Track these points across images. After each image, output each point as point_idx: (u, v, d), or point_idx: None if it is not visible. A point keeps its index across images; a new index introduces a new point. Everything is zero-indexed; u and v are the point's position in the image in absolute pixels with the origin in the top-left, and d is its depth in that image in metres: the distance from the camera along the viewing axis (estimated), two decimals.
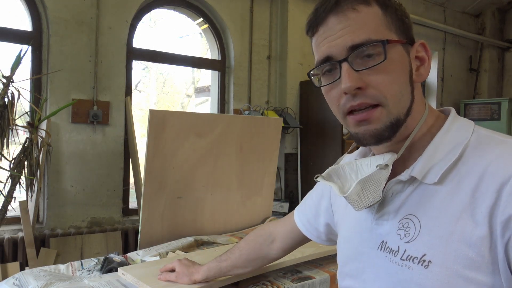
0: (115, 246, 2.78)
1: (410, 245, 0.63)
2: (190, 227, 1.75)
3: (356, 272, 0.73)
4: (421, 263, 0.61)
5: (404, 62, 0.65)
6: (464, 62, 5.29)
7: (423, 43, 0.68)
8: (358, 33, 0.63)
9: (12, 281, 1.18)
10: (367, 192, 0.66)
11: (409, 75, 0.66)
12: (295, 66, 3.72)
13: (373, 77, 0.63)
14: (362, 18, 0.63)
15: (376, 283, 0.68)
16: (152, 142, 1.56)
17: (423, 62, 0.69)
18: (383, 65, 0.62)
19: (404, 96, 0.65)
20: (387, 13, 0.65)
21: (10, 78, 2.16)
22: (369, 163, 0.71)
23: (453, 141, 0.64)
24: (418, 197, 0.65)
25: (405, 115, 0.65)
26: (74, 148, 2.74)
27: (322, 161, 3.49)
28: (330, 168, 0.75)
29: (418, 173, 0.64)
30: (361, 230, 0.73)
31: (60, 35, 2.68)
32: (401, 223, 0.65)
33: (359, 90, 0.63)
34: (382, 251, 0.67)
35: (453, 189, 0.61)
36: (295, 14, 3.67)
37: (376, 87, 0.63)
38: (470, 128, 0.65)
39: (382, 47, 0.62)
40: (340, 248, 0.82)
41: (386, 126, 0.64)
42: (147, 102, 10.74)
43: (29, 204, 2.39)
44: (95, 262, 1.36)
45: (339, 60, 0.64)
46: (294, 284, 1.22)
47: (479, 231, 0.56)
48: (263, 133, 1.94)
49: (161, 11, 3.49)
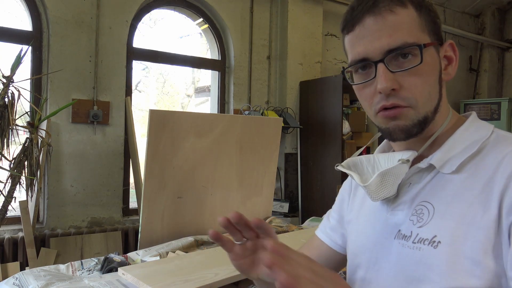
0: (115, 246, 2.78)
1: (422, 229, 0.64)
2: (190, 227, 1.75)
3: (368, 263, 0.73)
4: (430, 244, 0.62)
5: (435, 64, 0.68)
6: (464, 62, 5.29)
7: (452, 43, 0.71)
8: (395, 36, 0.64)
9: (12, 281, 1.18)
10: (386, 184, 0.68)
11: (439, 75, 0.68)
12: (295, 66, 3.72)
13: (406, 78, 0.65)
14: (399, 20, 0.65)
15: (391, 271, 0.68)
16: (152, 142, 1.56)
17: (451, 61, 0.71)
18: (418, 67, 0.64)
19: (432, 96, 0.67)
20: (421, 14, 0.66)
21: (10, 78, 2.16)
22: (388, 158, 0.73)
23: (472, 137, 0.67)
24: (434, 186, 0.67)
25: (432, 113, 0.68)
26: (74, 148, 2.74)
27: (322, 161, 3.49)
28: (349, 159, 0.77)
29: (436, 162, 0.67)
30: (375, 222, 0.74)
31: (60, 35, 2.68)
32: (415, 210, 0.67)
33: (393, 90, 0.65)
34: (397, 239, 0.68)
35: (468, 178, 0.63)
36: (295, 14, 3.67)
37: (409, 89, 0.65)
38: (490, 128, 0.68)
39: (418, 50, 0.64)
40: (350, 244, 0.81)
41: (414, 123, 0.67)
42: (147, 102, 10.74)
43: (29, 204, 2.39)
44: (95, 262, 1.37)
45: (375, 61, 0.66)
46: None
47: (489, 214, 0.58)
48: (263, 133, 1.94)
49: (161, 11, 3.50)
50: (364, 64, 0.68)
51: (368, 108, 0.71)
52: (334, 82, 3.41)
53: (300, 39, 3.71)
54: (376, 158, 0.75)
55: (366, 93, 0.70)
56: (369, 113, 0.72)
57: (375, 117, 0.70)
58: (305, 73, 3.77)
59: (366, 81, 0.68)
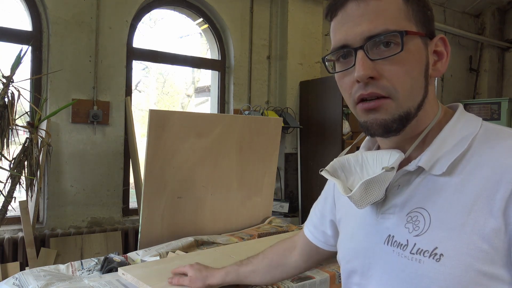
0: (115, 246, 2.78)
1: (420, 238, 0.61)
2: (190, 227, 1.75)
3: (362, 269, 0.72)
4: (432, 257, 0.59)
5: (420, 55, 0.64)
6: (464, 62, 5.29)
7: (443, 37, 0.67)
8: (376, 22, 0.61)
9: (12, 281, 1.18)
10: (371, 192, 0.65)
11: (425, 69, 0.65)
12: (295, 66, 3.72)
13: (387, 67, 0.62)
14: (382, 6, 0.62)
15: (384, 279, 0.67)
16: (152, 142, 1.56)
17: (441, 57, 0.67)
18: (399, 56, 0.61)
19: (415, 89, 0.63)
20: (408, 3, 0.63)
21: (10, 78, 2.16)
22: (375, 157, 0.70)
23: (461, 133, 0.64)
24: (426, 189, 0.64)
25: (415, 109, 0.64)
26: (74, 148, 2.74)
27: (322, 161, 3.49)
28: (335, 159, 0.73)
29: (425, 163, 0.63)
30: (365, 225, 0.72)
31: (60, 35, 2.68)
32: (409, 217, 0.64)
33: (371, 79, 0.62)
34: (389, 245, 0.66)
35: (464, 180, 0.60)
36: (295, 14, 3.67)
37: (389, 78, 0.62)
38: (478, 122, 0.65)
39: (399, 38, 0.61)
40: (342, 246, 0.80)
41: (394, 118, 0.63)
42: (147, 102, 10.75)
43: (29, 204, 2.39)
44: (95, 262, 1.36)
45: (354, 48, 0.63)
46: (294, 284, 1.21)
47: (493, 223, 0.56)
48: (263, 133, 1.94)
49: (161, 11, 3.50)
50: (344, 52, 0.65)
51: (348, 98, 0.67)
52: (334, 82, 3.38)
53: (300, 39, 3.71)
54: (364, 156, 0.72)
55: (345, 83, 0.67)
56: (349, 104, 0.68)
57: (354, 108, 0.67)
58: (305, 73, 3.77)
59: (345, 69, 0.65)
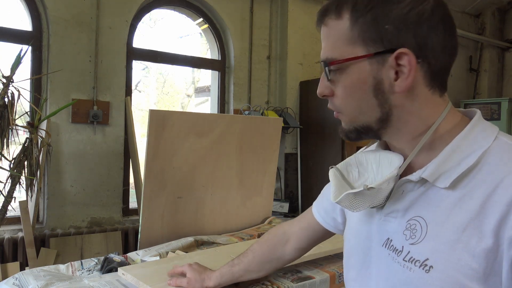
0: (115, 246, 2.78)
1: (414, 247, 0.63)
2: (190, 227, 1.75)
3: (361, 266, 0.74)
4: (422, 267, 0.61)
5: (364, 78, 0.63)
6: (464, 62, 5.29)
7: (403, 52, 0.60)
8: (325, 48, 0.67)
9: (12, 281, 1.18)
10: (362, 201, 0.67)
11: (374, 88, 0.63)
12: (295, 66, 3.72)
13: (338, 88, 0.67)
14: (328, 33, 0.66)
15: (379, 279, 0.69)
16: (152, 142, 1.56)
17: (403, 71, 0.62)
18: (341, 80, 0.65)
19: (364, 108, 0.65)
20: (356, 24, 0.62)
21: (10, 78, 2.16)
22: (390, 160, 0.70)
23: (472, 147, 0.61)
24: (428, 199, 0.64)
25: (377, 123, 0.66)
26: (74, 148, 2.74)
27: (322, 161, 3.49)
28: (354, 154, 0.77)
29: (429, 175, 0.63)
30: (369, 224, 0.73)
31: (60, 35, 2.68)
32: (409, 224, 0.65)
33: (327, 96, 0.69)
34: (386, 248, 0.68)
35: (465, 196, 0.59)
36: (295, 14, 3.67)
37: (339, 97, 0.67)
38: (493, 134, 0.62)
39: (340, 65, 0.64)
40: (347, 239, 0.82)
41: (350, 129, 0.69)
42: (147, 102, 10.75)
43: (29, 204, 2.39)
44: (95, 262, 1.36)
45: None
46: (294, 284, 1.21)
47: (485, 243, 0.56)
48: (263, 133, 1.94)
49: (161, 11, 3.50)
50: None
51: None
52: None
53: (300, 39, 3.71)
54: (382, 156, 0.72)
55: None
56: None
57: None
58: (305, 73, 3.77)
59: None
